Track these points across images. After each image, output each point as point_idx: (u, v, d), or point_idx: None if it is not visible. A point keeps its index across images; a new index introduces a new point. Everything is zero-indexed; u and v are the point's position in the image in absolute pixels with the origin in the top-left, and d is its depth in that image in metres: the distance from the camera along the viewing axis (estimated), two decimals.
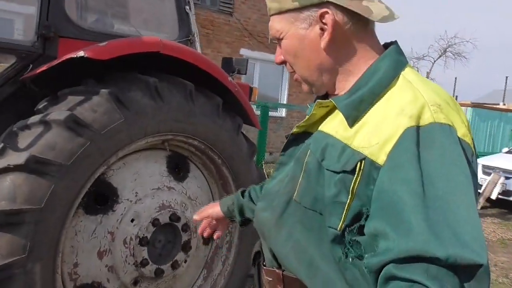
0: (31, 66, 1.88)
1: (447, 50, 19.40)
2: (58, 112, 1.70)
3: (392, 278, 0.61)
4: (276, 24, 0.83)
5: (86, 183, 1.76)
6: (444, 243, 0.58)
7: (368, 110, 0.76)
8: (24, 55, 1.88)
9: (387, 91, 0.76)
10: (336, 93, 0.85)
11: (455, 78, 26.06)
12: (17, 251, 1.53)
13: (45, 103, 1.79)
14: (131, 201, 1.99)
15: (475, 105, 10.64)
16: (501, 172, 6.93)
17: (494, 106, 14.15)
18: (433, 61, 19.75)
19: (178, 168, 2.26)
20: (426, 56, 20.37)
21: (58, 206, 1.64)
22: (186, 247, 2.18)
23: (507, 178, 6.84)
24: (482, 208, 6.96)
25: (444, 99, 0.74)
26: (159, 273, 2.05)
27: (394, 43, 0.84)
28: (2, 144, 1.67)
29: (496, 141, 10.76)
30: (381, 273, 0.62)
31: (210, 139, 2.21)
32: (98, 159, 1.77)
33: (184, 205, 2.20)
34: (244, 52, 10.61)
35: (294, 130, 0.90)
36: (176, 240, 2.16)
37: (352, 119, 0.76)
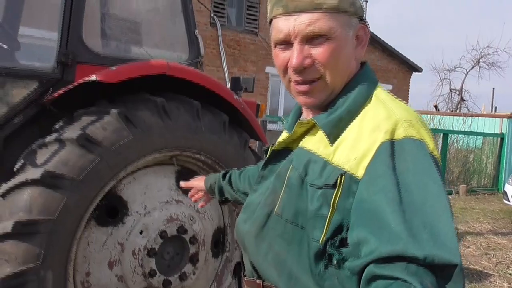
0: (51, 90, 2.07)
1: (480, 60, 18.66)
2: (72, 131, 1.86)
3: (374, 278, 0.63)
4: (329, 22, 0.80)
5: (96, 196, 1.89)
6: (422, 244, 0.62)
7: (346, 128, 0.81)
8: (45, 80, 2.07)
9: (362, 109, 0.82)
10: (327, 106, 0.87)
11: (493, 88, 24.88)
12: (32, 259, 1.67)
13: (62, 123, 1.96)
14: (140, 214, 2.11)
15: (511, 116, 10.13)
16: None
17: None
18: (465, 72, 19.05)
19: None
20: (458, 67, 19.61)
21: (69, 218, 1.78)
22: (193, 259, 2.25)
23: None
24: None
25: (414, 117, 0.79)
26: (167, 284, 2.14)
27: (365, 63, 0.90)
28: (23, 161, 1.84)
29: None
30: (364, 274, 0.65)
31: (217, 154, 2.31)
32: (108, 174, 1.91)
33: (192, 218, 2.28)
34: (270, 70, 10.79)
35: (275, 147, 0.96)
36: (184, 252, 2.24)
37: (334, 137, 0.81)
